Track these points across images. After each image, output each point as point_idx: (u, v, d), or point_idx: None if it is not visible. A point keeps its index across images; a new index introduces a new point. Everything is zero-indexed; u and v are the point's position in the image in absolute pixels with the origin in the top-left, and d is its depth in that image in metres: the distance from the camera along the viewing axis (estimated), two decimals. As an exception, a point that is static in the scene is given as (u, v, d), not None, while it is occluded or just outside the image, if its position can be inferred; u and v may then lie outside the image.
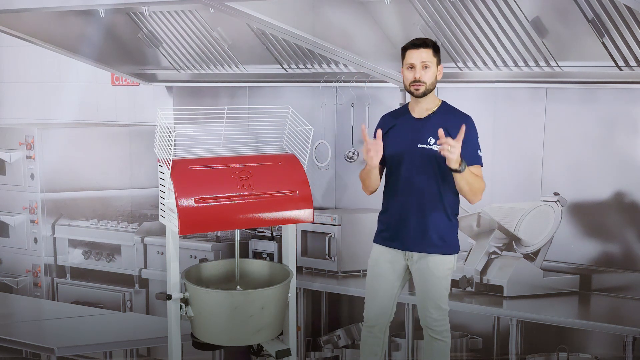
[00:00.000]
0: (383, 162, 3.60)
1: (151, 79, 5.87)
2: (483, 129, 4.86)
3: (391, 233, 3.63)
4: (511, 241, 4.69)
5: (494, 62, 4.70)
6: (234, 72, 5.61)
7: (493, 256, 4.69)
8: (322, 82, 5.21)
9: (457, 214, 3.64)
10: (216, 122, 3.39)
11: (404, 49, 3.55)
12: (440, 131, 3.30)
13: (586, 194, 4.70)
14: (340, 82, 5.15)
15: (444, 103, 3.64)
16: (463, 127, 3.31)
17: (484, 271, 4.65)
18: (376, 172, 3.58)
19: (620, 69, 4.33)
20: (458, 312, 4.79)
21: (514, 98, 4.85)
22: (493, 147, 4.86)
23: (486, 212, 4.71)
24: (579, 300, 4.64)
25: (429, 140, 3.50)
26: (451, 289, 4.66)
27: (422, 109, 3.59)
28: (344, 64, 5.12)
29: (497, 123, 4.85)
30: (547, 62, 4.56)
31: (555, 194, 4.64)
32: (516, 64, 4.64)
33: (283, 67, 5.40)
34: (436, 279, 3.59)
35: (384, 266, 3.67)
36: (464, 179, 3.39)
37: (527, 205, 4.70)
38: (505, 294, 4.56)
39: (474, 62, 4.76)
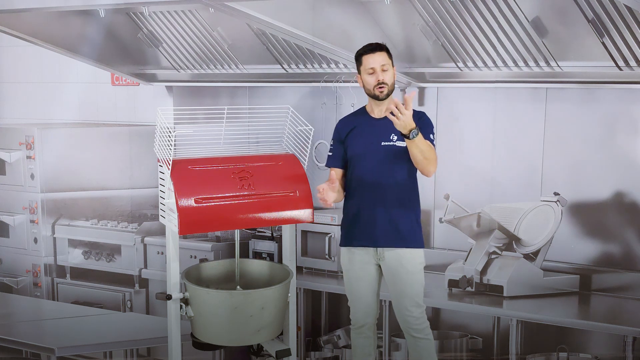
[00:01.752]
0: (345, 166, 3.69)
1: (151, 79, 5.87)
2: (483, 129, 4.90)
3: (359, 232, 3.65)
4: (511, 241, 4.69)
5: (494, 62, 4.69)
6: (234, 72, 5.61)
7: (493, 256, 4.69)
8: (322, 82, 5.21)
9: (419, 207, 3.68)
10: (216, 122, 3.39)
11: (359, 55, 3.61)
12: (395, 99, 3.34)
13: (586, 194, 4.70)
14: (340, 82, 5.15)
15: None
16: (413, 94, 3.38)
17: (484, 271, 4.65)
18: (338, 186, 3.62)
19: (620, 69, 4.33)
20: (458, 312, 4.80)
21: (514, 98, 4.85)
22: (493, 147, 4.86)
23: (486, 212, 4.71)
24: (579, 300, 4.64)
25: (392, 137, 3.57)
26: (451, 289, 4.71)
27: (381, 110, 3.64)
28: (344, 64, 5.12)
29: (497, 123, 4.86)
30: (547, 62, 4.56)
31: (555, 194, 4.64)
32: (516, 64, 4.64)
33: (283, 67, 5.40)
34: (411, 274, 3.61)
35: (358, 267, 3.69)
36: (417, 147, 3.42)
37: (527, 205, 4.70)
38: (505, 294, 4.56)
39: (474, 62, 4.76)
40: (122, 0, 5.24)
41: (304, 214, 3.51)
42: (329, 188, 3.48)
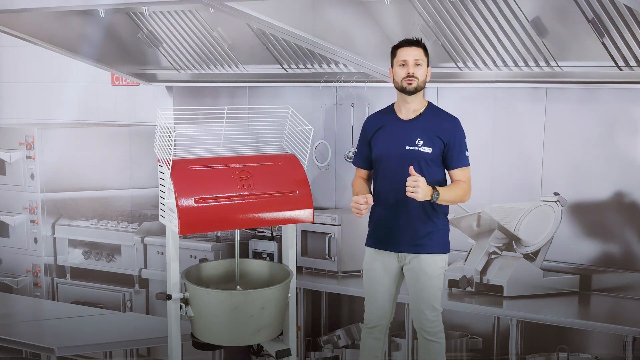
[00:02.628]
0: (370, 166, 3.69)
1: (151, 79, 5.87)
2: (483, 129, 4.90)
3: (383, 235, 3.64)
4: (511, 241, 4.69)
5: (494, 62, 4.70)
6: (234, 72, 5.61)
7: (493, 256, 4.69)
8: (322, 82, 5.21)
9: (446, 213, 3.67)
10: (216, 122, 3.39)
11: (395, 48, 3.59)
12: (411, 168, 3.39)
13: (586, 194, 4.70)
14: (340, 82, 5.15)
15: (430, 104, 3.66)
16: (411, 168, 3.39)
17: (484, 271, 4.65)
18: (365, 184, 3.68)
19: (620, 69, 4.33)
20: (458, 312, 4.80)
21: (514, 98, 4.85)
22: (493, 147, 4.86)
23: (486, 212, 4.71)
24: (579, 300, 4.65)
25: (417, 142, 3.53)
26: (451, 289, 4.71)
27: (409, 110, 3.60)
28: (344, 64, 5.12)
29: (497, 123, 4.85)
30: (547, 62, 4.56)
31: (555, 194, 4.64)
32: (516, 64, 4.64)
33: (283, 67, 5.40)
34: (429, 278, 3.59)
35: (379, 269, 3.68)
36: (443, 200, 3.48)
37: (527, 205, 4.70)
38: (505, 294, 4.56)
39: (474, 62, 4.76)
40: (122, 0, 5.24)
41: (304, 214, 3.51)
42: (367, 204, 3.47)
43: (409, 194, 3.36)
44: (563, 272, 4.71)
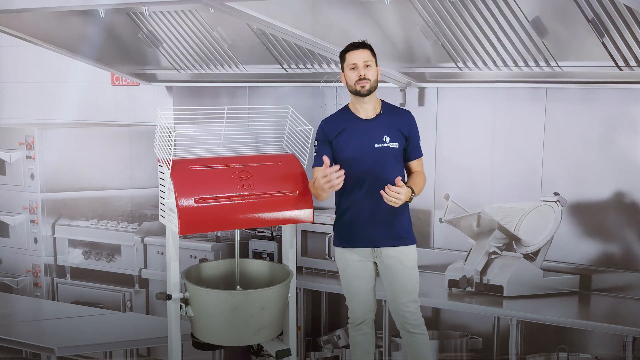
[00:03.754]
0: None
1: (151, 79, 5.87)
2: (483, 129, 4.90)
3: (357, 233, 3.66)
4: (511, 241, 4.69)
5: (494, 62, 4.70)
6: (234, 72, 5.61)
7: (493, 256, 4.69)
8: (322, 82, 5.21)
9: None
10: (216, 122, 3.39)
11: (343, 53, 3.68)
12: (398, 179, 3.46)
13: (586, 194, 4.70)
14: (340, 82, 5.14)
15: (384, 102, 3.76)
16: (398, 179, 3.47)
17: (484, 271, 4.65)
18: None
19: (620, 69, 4.33)
20: (458, 312, 4.80)
21: (514, 98, 4.85)
22: (493, 147, 4.86)
23: (486, 212, 4.71)
24: (579, 300, 4.64)
25: (384, 139, 3.61)
26: (451, 289, 4.71)
27: (368, 110, 3.68)
28: (344, 64, 5.11)
29: (497, 123, 4.85)
30: (547, 62, 4.56)
31: (555, 194, 4.64)
32: (516, 64, 4.64)
33: (283, 67, 5.40)
34: (407, 269, 3.65)
35: (354, 267, 3.71)
36: (416, 196, 3.61)
37: (527, 205, 4.70)
38: (505, 294, 4.56)
39: (474, 62, 4.76)
40: (122, 0, 5.24)
41: (304, 214, 3.52)
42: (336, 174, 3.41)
43: (390, 203, 3.44)
44: (563, 272, 4.71)
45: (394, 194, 3.42)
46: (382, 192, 3.43)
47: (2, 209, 5.68)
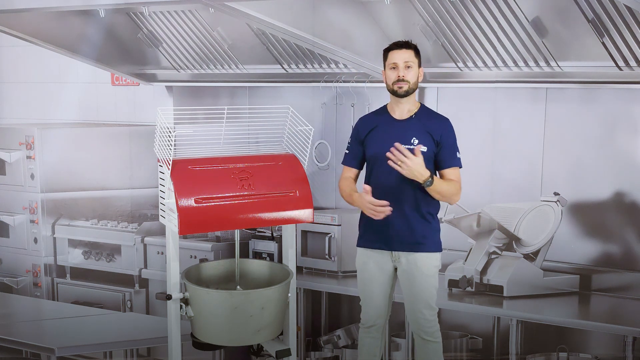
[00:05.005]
0: (361, 166, 3.70)
1: (151, 79, 5.87)
2: (483, 129, 4.90)
3: (376, 234, 3.64)
4: (511, 241, 4.69)
5: (494, 62, 4.70)
6: (234, 72, 5.61)
7: (493, 256, 4.69)
8: (322, 82, 5.21)
9: (437, 211, 3.70)
10: (216, 122, 3.39)
11: (387, 51, 3.62)
12: (397, 144, 3.38)
13: (586, 194, 4.70)
14: (340, 82, 5.15)
15: (423, 106, 3.70)
16: (417, 147, 3.41)
17: (484, 271, 4.65)
18: (354, 185, 3.68)
19: (620, 69, 4.33)
20: (458, 312, 4.80)
21: (514, 98, 4.85)
22: (493, 147, 4.86)
23: (486, 212, 4.71)
24: (579, 300, 4.64)
25: (412, 141, 3.55)
26: (451, 289, 4.71)
27: (403, 110, 3.63)
28: (344, 64, 5.12)
29: (497, 123, 4.86)
30: (547, 62, 4.56)
31: (555, 194, 4.64)
32: (516, 64, 4.64)
33: (283, 67, 5.40)
34: (425, 277, 3.61)
35: (373, 269, 3.68)
36: (434, 190, 3.50)
37: (527, 205, 4.70)
38: (505, 294, 4.56)
39: (474, 62, 4.76)
40: (122, 0, 5.24)
41: (304, 214, 3.51)
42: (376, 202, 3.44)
43: (396, 167, 3.37)
44: (563, 272, 4.71)
45: (402, 157, 3.34)
46: (391, 149, 3.37)
47: (2, 209, 5.68)
